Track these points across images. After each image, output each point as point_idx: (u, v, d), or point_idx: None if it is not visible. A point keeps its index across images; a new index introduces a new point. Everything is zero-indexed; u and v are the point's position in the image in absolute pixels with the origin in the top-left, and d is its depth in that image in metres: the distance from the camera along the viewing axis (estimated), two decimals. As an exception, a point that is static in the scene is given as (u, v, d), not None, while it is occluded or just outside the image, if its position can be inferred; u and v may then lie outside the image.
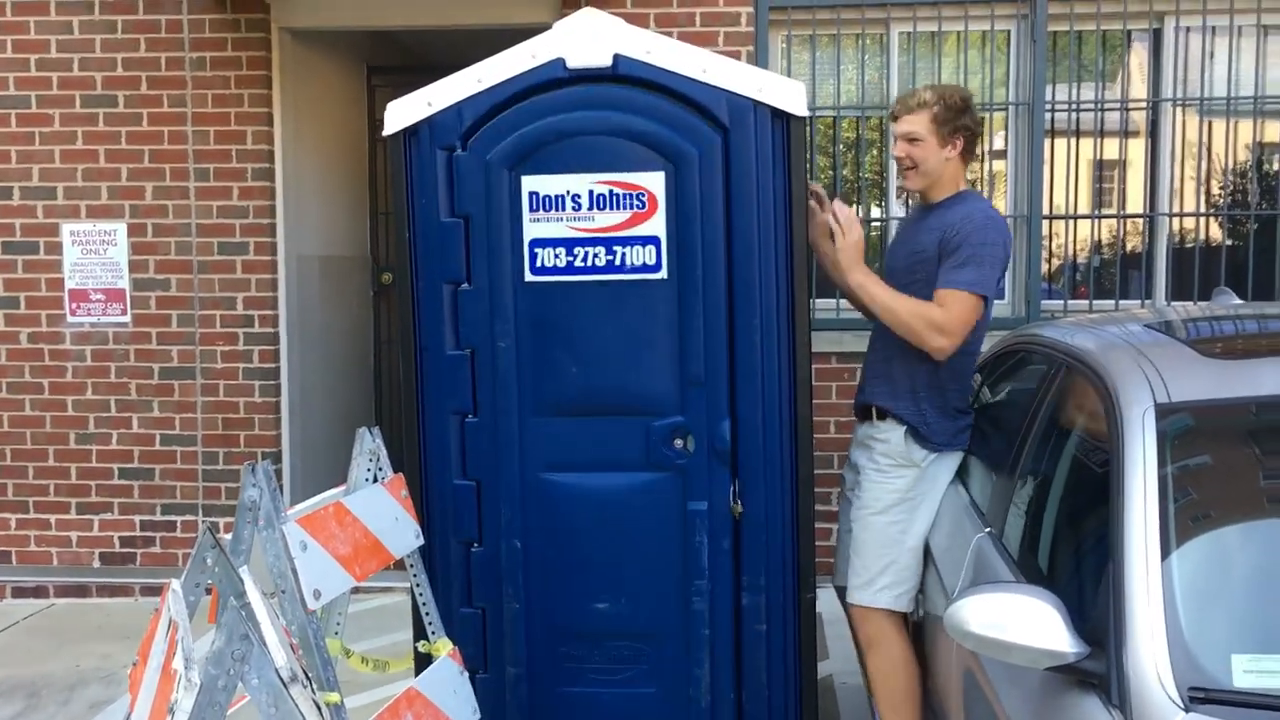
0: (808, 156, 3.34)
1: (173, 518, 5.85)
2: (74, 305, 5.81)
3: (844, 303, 5.63)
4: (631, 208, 3.29)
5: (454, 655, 3.15)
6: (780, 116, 3.23)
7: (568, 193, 3.30)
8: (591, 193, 3.30)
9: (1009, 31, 5.59)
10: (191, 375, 5.79)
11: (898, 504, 3.29)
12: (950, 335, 3.19)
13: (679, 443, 3.32)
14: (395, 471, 3.23)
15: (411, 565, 3.21)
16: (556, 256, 3.32)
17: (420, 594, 3.23)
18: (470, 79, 3.32)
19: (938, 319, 3.20)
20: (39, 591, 5.86)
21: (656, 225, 3.29)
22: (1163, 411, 2.32)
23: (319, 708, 1.89)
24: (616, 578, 3.39)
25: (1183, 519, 2.16)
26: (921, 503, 3.29)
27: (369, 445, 3.20)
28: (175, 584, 2.21)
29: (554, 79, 3.28)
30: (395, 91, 3.55)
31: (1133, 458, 2.25)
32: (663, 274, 3.29)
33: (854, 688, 4.43)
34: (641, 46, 3.24)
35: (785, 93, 3.24)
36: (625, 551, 3.38)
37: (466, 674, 3.17)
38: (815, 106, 5.68)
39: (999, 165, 5.72)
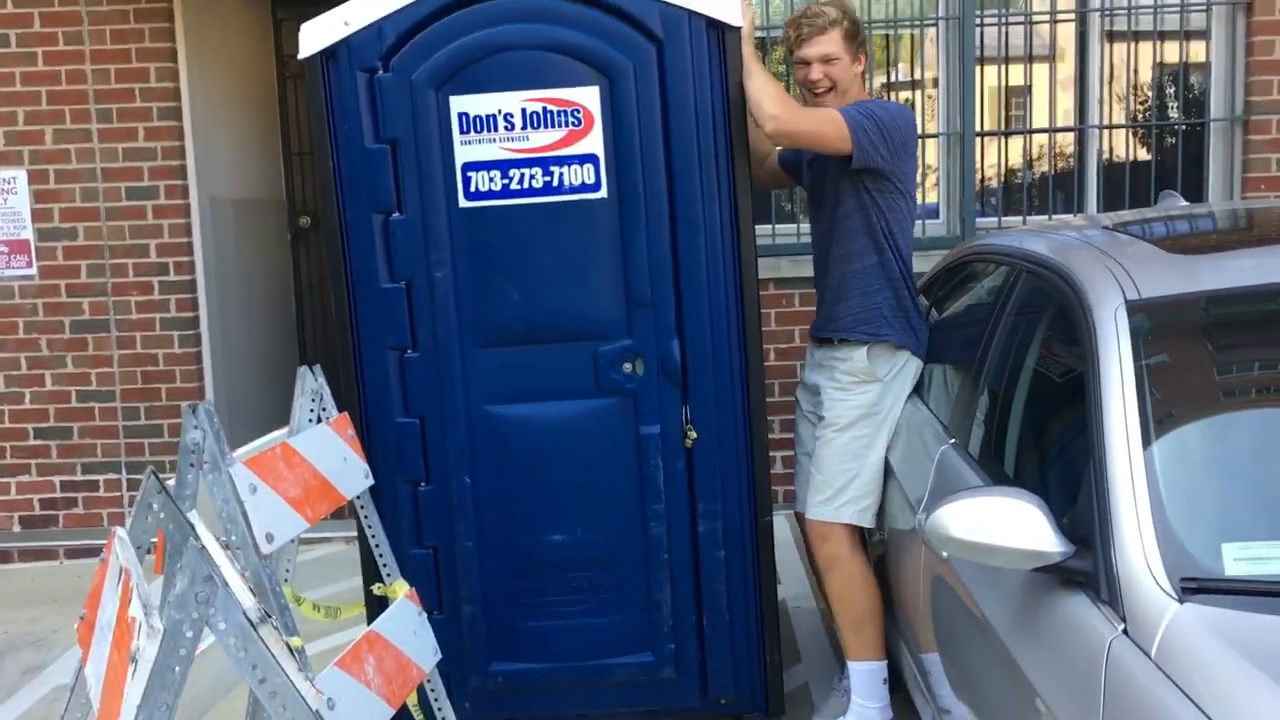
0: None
1: (94, 476, 5.61)
2: (-25, 259, 5.51)
3: (780, 227, 5.59)
4: (567, 125, 3.18)
5: (411, 596, 3.06)
6: (715, 27, 3.15)
7: (499, 112, 3.18)
8: (524, 111, 3.18)
9: (935, -55, 5.53)
10: (106, 328, 5.54)
11: (861, 419, 3.26)
12: (790, 113, 3.13)
13: (628, 366, 3.25)
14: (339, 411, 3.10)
15: (362, 506, 3.10)
16: (491, 180, 3.21)
17: (373, 535, 3.12)
18: None
19: (788, 98, 3.25)
20: (-44, 560, 5.61)
21: (594, 143, 3.18)
22: (1133, 308, 2.30)
23: (289, 649, 1.78)
24: (572, 507, 3.32)
25: (1161, 413, 2.14)
26: (885, 418, 3.26)
27: (311, 385, 3.05)
28: (121, 531, 2.08)
29: None
30: (302, 25, 3.36)
31: (1108, 356, 2.22)
32: (603, 193, 3.19)
33: (808, 611, 4.43)
34: None
35: (720, 3, 3.15)
36: (579, 480, 3.31)
37: (425, 615, 3.08)
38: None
39: (930, 90, 5.67)
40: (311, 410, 3.04)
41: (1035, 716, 2.03)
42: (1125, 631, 1.86)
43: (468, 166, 3.20)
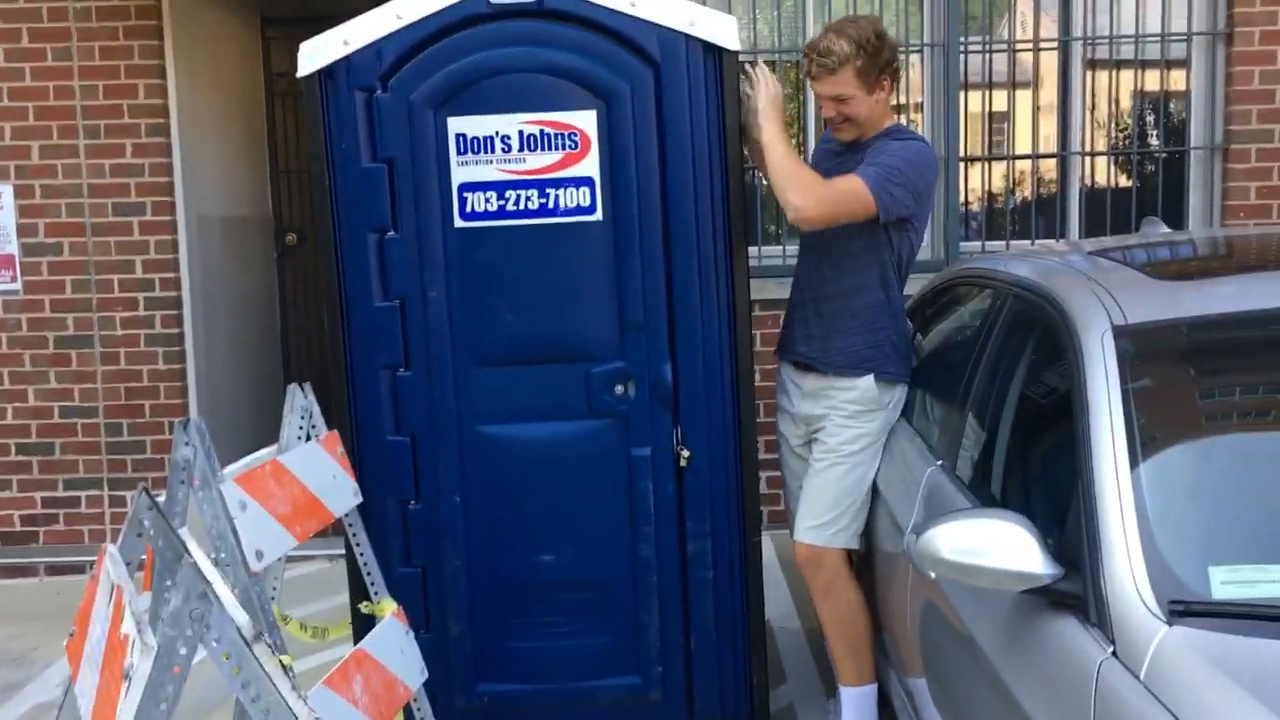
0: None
1: (76, 493, 5.57)
2: (-42, 273, 5.48)
3: (765, 249, 5.62)
4: (564, 148, 3.21)
5: (398, 615, 3.05)
6: (712, 51, 3.18)
7: (497, 134, 3.20)
8: (522, 133, 3.20)
9: (922, -29, 5.59)
10: (90, 344, 5.50)
11: (868, 447, 3.26)
12: (815, 201, 3.07)
13: (620, 389, 3.27)
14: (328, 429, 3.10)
15: (350, 524, 3.09)
16: (487, 200, 3.23)
17: (361, 554, 3.12)
18: (389, 15, 3.18)
19: (811, 182, 3.12)
20: (-66, 576, 5.55)
21: (590, 166, 3.21)
22: (1120, 333, 2.33)
23: (282, 667, 1.78)
24: (561, 528, 3.33)
25: (1148, 437, 2.16)
26: (882, 445, 3.28)
27: (300, 402, 3.05)
28: (112, 548, 2.07)
29: (477, 14, 3.17)
30: (290, 43, 3.40)
31: (1095, 380, 2.25)
32: (598, 215, 3.22)
33: (792, 631, 4.44)
34: None
35: (717, 27, 3.18)
36: (569, 502, 3.32)
37: (412, 633, 3.07)
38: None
39: (914, 114, 5.72)
40: (300, 427, 3.03)
41: (1024, 738, 2.04)
42: (1114, 653, 1.87)
43: (464, 187, 3.22)
